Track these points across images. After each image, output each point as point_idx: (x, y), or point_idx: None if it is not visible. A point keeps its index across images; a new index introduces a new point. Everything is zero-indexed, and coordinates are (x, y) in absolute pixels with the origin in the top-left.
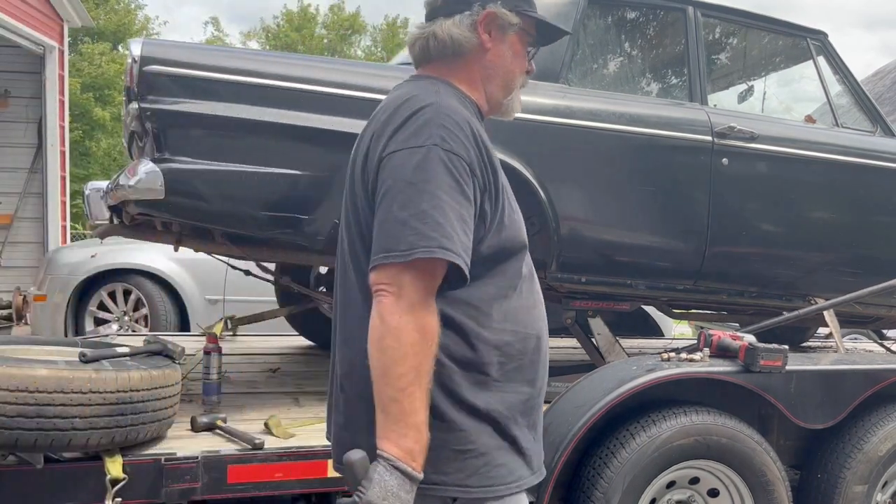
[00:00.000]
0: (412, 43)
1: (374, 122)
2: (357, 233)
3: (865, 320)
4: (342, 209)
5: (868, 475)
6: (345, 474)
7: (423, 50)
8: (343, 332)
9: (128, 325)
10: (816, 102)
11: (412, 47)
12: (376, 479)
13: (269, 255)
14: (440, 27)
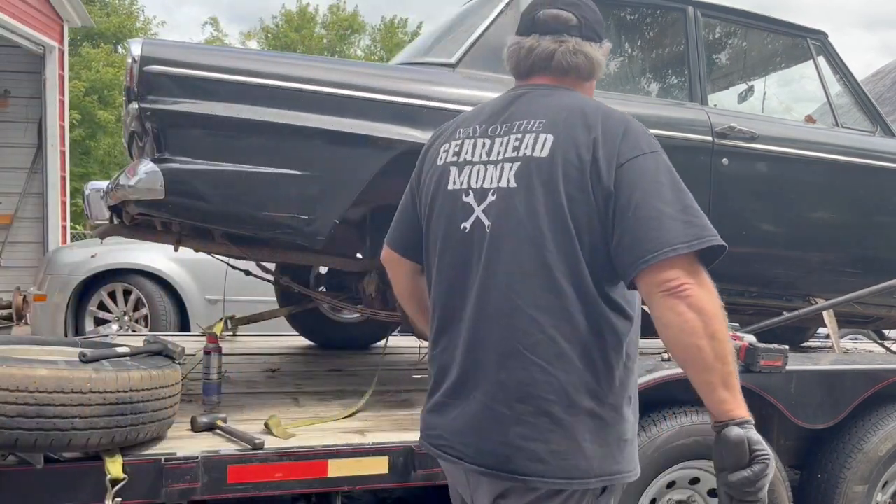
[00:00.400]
0: (553, 53)
1: (569, 130)
2: (563, 236)
3: (866, 320)
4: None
5: (868, 475)
6: (729, 451)
7: (571, 64)
8: (508, 344)
9: (128, 325)
10: (816, 102)
11: (552, 57)
12: (756, 436)
13: (269, 255)
14: (589, 47)
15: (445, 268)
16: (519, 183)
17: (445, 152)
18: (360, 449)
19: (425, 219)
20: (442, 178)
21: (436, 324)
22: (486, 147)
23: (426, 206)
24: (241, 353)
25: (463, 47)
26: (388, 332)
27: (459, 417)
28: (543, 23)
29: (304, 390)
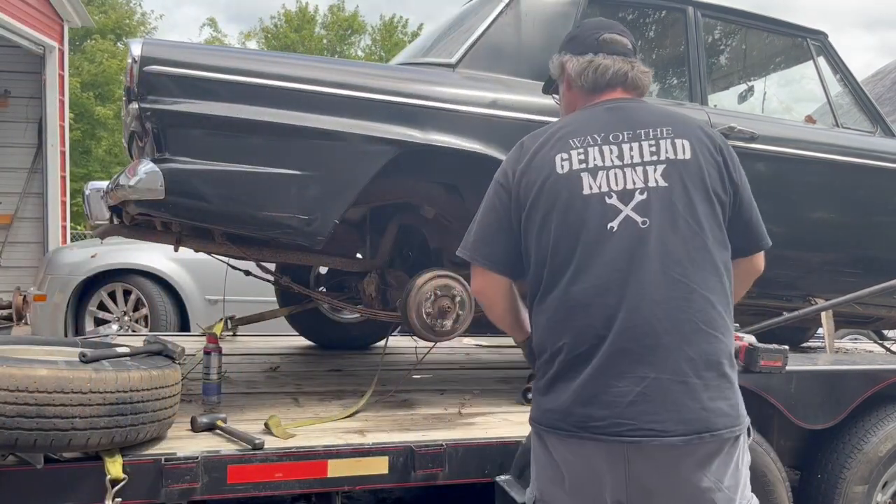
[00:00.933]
0: (628, 72)
1: (696, 135)
2: (715, 225)
3: (866, 320)
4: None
5: (868, 475)
6: None
7: (642, 82)
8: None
9: (128, 325)
10: (816, 103)
11: (643, 77)
12: None
13: (269, 256)
14: (645, 68)
15: (592, 266)
16: (669, 182)
17: (566, 161)
18: (360, 449)
19: (544, 227)
20: (573, 185)
21: (571, 321)
22: (614, 153)
23: (545, 214)
24: (241, 353)
25: (463, 47)
26: (388, 333)
27: (640, 400)
28: (609, 44)
29: (304, 390)
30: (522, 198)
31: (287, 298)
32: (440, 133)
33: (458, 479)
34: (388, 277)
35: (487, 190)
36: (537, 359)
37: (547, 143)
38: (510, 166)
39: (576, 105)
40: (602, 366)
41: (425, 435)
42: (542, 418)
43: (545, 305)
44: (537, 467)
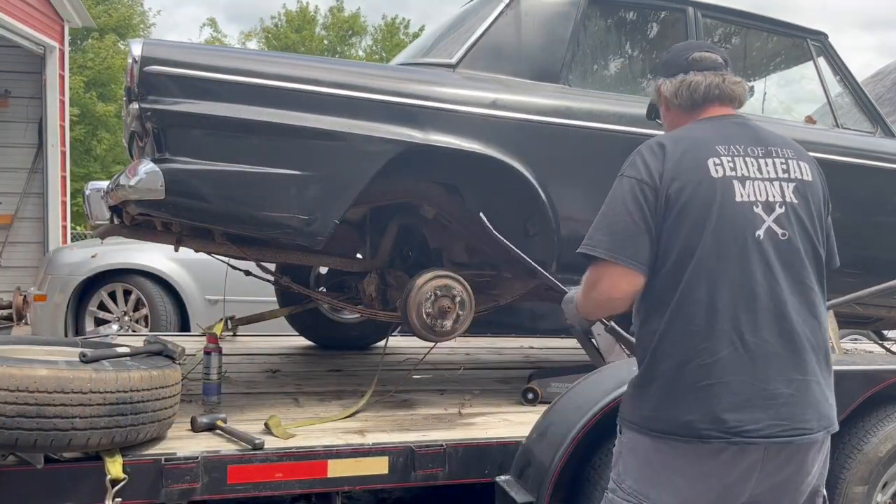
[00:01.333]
0: (736, 85)
1: (809, 158)
2: (824, 240)
3: (866, 321)
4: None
5: (868, 476)
6: None
7: (741, 95)
8: (811, 333)
9: (128, 326)
10: (817, 103)
11: (735, 88)
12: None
13: (269, 256)
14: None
15: (739, 271)
16: (799, 199)
17: (719, 166)
18: (360, 449)
19: (695, 229)
20: (726, 190)
21: (716, 325)
22: (755, 166)
23: (699, 217)
24: (241, 353)
25: (463, 48)
26: (388, 333)
27: (792, 401)
28: (698, 62)
29: (304, 390)
30: (673, 198)
31: (287, 298)
32: (440, 133)
33: (458, 480)
34: (388, 277)
35: (617, 187)
36: (654, 363)
37: (692, 147)
38: (654, 166)
39: (677, 123)
40: (753, 370)
41: (425, 435)
42: (676, 428)
43: (682, 309)
44: (647, 475)
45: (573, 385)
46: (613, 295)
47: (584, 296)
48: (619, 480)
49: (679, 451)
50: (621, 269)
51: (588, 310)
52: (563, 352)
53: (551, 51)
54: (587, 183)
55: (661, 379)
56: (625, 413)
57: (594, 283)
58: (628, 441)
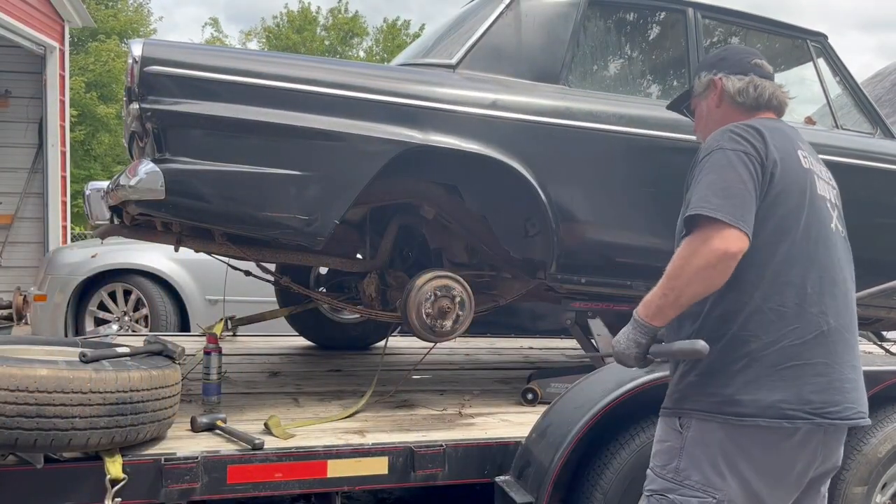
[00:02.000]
0: (788, 99)
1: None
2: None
3: (865, 322)
4: (840, 224)
5: (867, 476)
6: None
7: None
8: (854, 326)
9: (128, 326)
10: (816, 104)
11: (787, 101)
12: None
13: (269, 256)
14: None
15: (823, 260)
16: (839, 203)
17: (805, 159)
18: (360, 449)
19: (791, 213)
20: (812, 182)
21: (805, 309)
22: (816, 167)
23: (798, 202)
24: (241, 353)
25: (463, 48)
26: (388, 333)
27: (855, 386)
28: (760, 68)
29: (303, 391)
30: (776, 178)
31: (287, 299)
32: (440, 134)
33: (457, 480)
34: (388, 278)
35: (721, 158)
36: (735, 344)
37: (782, 136)
38: (758, 143)
39: (731, 119)
40: (833, 354)
41: (425, 435)
42: (760, 410)
43: (773, 289)
44: (725, 465)
45: (573, 385)
46: (730, 249)
47: (685, 263)
48: (681, 477)
49: (757, 437)
50: (735, 231)
51: (683, 281)
52: (562, 352)
53: (551, 51)
54: (587, 183)
55: (744, 360)
56: (688, 403)
57: (703, 242)
58: (695, 433)
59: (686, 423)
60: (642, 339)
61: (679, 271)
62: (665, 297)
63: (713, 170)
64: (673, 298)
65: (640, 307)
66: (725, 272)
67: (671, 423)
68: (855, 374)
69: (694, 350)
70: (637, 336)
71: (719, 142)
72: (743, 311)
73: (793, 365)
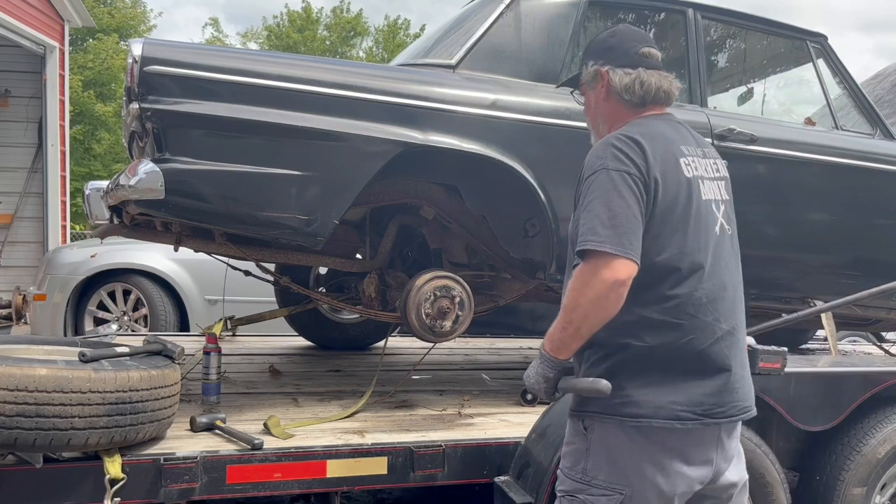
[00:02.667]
0: (677, 89)
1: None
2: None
3: (864, 323)
4: (727, 221)
5: (867, 477)
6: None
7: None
8: (743, 326)
9: (127, 325)
10: (816, 105)
11: (676, 92)
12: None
13: (269, 256)
14: None
15: (712, 265)
16: (729, 197)
17: (688, 166)
18: (360, 449)
19: (678, 226)
20: (696, 188)
21: (699, 317)
22: (703, 166)
23: (682, 214)
24: (241, 353)
25: (463, 49)
26: (388, 333)
27: (738, 386)
28: (647, 58)
29: (303, 391)
30: (660, 195)
31: (287, 299)
32: (440, 134)
33: (456, 480)
34: (388, 278)
35: (606, 181)
36: (630, 352)
37: (664, 145)
38: (638, 160)
39: (619, 116)
40: (725, 357)
41: (424, 435)
42: (654, 412)
43: (668, 301)
44: (627, 464)
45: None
46: (619, 278)
47: (579, 295)
48: (588, 477)
49: (653, 437)
50: (623, 260)
51: (580, 313)
52: None
53: (551, 52)
54: None
55: (643, 363)
56: (590, 405)
57: (593, 273)
58: (598, 434)
59: (589, 424)
60: (549, 373)
61: (574, 304)
62: (565, 330)
63: (599, 195)
64: (573, 331)
65: (546, 341)
66: (618, 300)
67: (577, 426)
68: (744, 370)
69: (596, 389)
70: (545, 370)
71: (603, 160)
72: (637, 322)
73: (685, 370)
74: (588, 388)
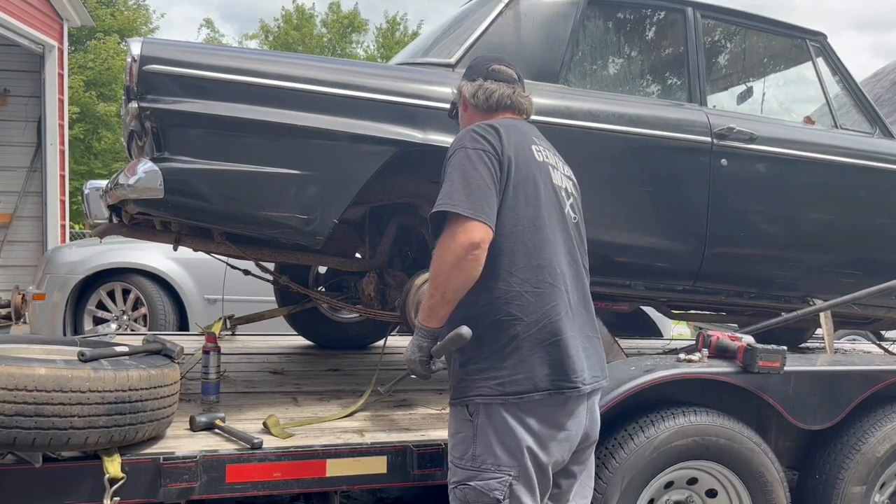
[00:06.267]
0: (525, 99)
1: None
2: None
3: (864, 321)
4: (574, 211)
5: (866, 476)
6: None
7: (527, 106)
8: (588, 302)
9: (127, 325)
10: (815, 104)
11: (524, 101)
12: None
13: (269, 255)
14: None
15: (559, 244)
16: (576, 192)
17: (539, 153)
18: (359, 448)
19: (529, 202)
20: (547, 173)
21: (551, 292)
22: (552, 159)
23: (532, 193)
24: (240, 352)
25: (462, 48)
26: (387, 332)
27: (591, 355)
28: (495, 73)
29: (302, 390)
30: (513, 172)
31: (286, 298)
32: (439, 133)
33: None
34: (387, 277)
35: (463, 158)
36: (500, 329)
37: (516, 133)
38: (493, 141)
39: (474, 120)
40: (572, 331)
41: (424, 434)
42: (532, 386)
43: (527, 272)
44: (512, 443)
45: None
46: (474, 239)
47: (440, 260)
48: (478, 463)
49: (534, 411)
50: (477, 223)
51: (443, 278)
52: None
53: (550, 51)
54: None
55: (513, 342)
56: (471, 391)
57: (451, 237)
58: (483, 418)
59: (474, 409)
60: (423, 342)
61: (438, 269)
62: (432, 297)
63: (456, 168)
64: (440, 296)
65: (419, 313)
66: (477, 261)
67: (461, 414)
68: (591, 343)
69: (458, 336)
70: (419, 341)
71: (462, 141)
72: (503, 297)
73: (555, 340)
74: (453, 339)
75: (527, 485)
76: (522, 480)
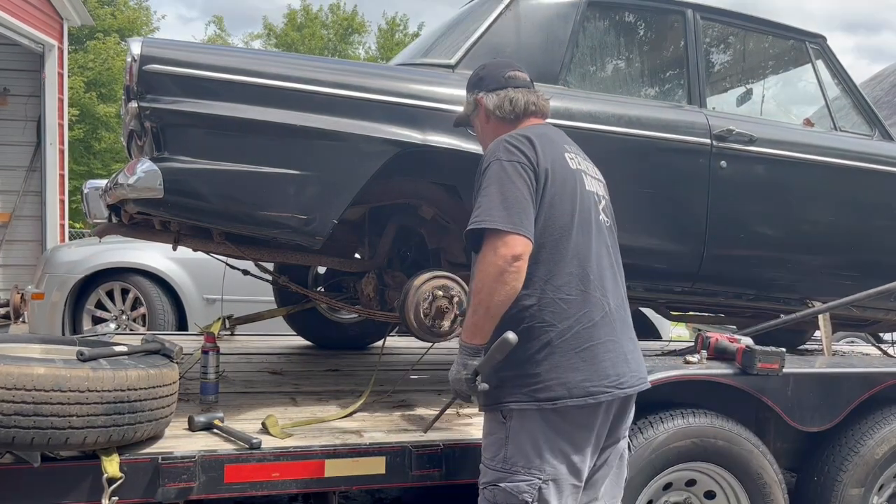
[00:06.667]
0: (546, 102)
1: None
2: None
3: (863, 324)
4: (607, 215)
5: (864, 478)
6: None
7: (549, 109)
8: (626, 305)
9: (126, 324)
10: (815, 106)
11: (546, 104)
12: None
13: (268, 255)
14: None
15: (594, 248)
16: (607, 196)
17: (572, 160)
18: (358, 449)
19: (565, 211)
20: (579, 180)
21: (589, 294)
22: (583, 165)
23: (569, 201)
24: (239, 352)
25: (462, 48)
26: (386, 333)
27: (630, 359)
28: (515, 79)
29: (301, 390)
30: (549, 183)
31: (285, 298)
32: (439, 134)
33: (454, 480)
34: (387, 278)
35: (499, 171)
36: (533, 336)
37: (549, 142)
38: (528, 152)
39: (501, 132)
40: (616, 331)
41: (422, 435)
42: (567, 391)
43: (561, 281)
44: (544, 447)
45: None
46: (516, 252)
47: (482, 275)
48: (509, 465)
49: (569, 416)
50: (517, 236)
51: (486, 292)
52: None
53: (550, 52)
54: None
55: (546, 349)
56: (505, 396)
57: (493, 252)
58: (516, 422)
59: (507, 413)
60: (469, 360)
61: (481, 284)
62: (476, 312)
63: (493, 181)
64: (483, 312)
65: (462, 332)
66: (519, 273)
67: (495, 417)
68: (633, 345)
69: (505, 342)
70: (464, 359)
71: (496, 153)
72: (537, 305)
73: (588, 346)
74: (499, 347)
75: (556, 488)
76: (552, 484)
